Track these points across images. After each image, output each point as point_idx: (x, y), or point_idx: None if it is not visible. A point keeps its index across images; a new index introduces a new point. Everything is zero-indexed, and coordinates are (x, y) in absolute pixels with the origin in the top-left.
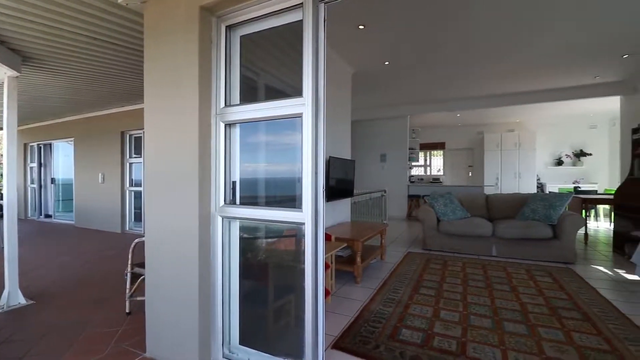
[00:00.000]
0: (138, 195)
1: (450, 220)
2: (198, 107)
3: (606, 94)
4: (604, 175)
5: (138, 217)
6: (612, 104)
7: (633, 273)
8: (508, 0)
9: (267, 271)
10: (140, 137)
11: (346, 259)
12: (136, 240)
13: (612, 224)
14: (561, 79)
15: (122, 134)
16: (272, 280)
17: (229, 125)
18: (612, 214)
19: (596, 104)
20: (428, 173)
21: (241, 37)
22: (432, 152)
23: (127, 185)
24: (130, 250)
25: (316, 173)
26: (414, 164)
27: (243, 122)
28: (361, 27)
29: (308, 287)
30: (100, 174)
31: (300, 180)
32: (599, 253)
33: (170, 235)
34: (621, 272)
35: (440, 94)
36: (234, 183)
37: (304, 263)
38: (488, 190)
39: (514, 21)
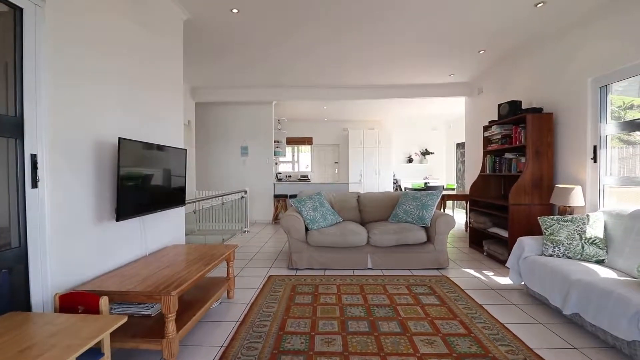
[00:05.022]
0: None
1: (321, 227)
2: None
3: (456, 94)
4: (442, 171)
5: None
6: (450, 109)
7: (505, 276)
8: None
9: None
10: None
11: (156, 321)
12: None
13: (468, 220)
14: (421, 74)
15: None
16: None
17: None
18: (467, 209)
19: (438, 108)
20: (296, 169)
21: None
22: (300, 147)
23: None
24: None
25: None
26: (281, 159)
27: None
28: None
29: None
30: None
31: None
32: (460, 251)
33: None
34: (490, 274)
35: (306, 79)
36: None
37: None
38: (353, 187)
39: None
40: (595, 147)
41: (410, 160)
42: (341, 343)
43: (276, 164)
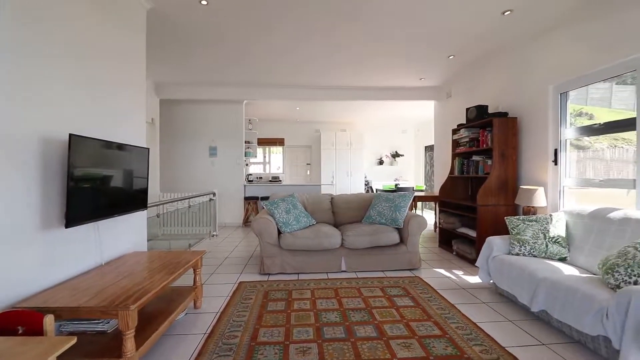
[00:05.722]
0: None
1: (294, 230)
2: None
3: (426, 97)
4: (411, 173)
5: None
6: (419, 112)
7: (474, 275)
8: None
9: None
10: None
11: (112, 338)
12: None
13: (438, 220)
14: (392, 77)
15: None
16: None
17: None
18: (436, 210)
19: (408, 111)
20: (267, 171)
21: None
22: (272, 148)
23: None
24: None
25: None
26: (252, 160)
27: None
28: None
29: None
30: None
31: None
32: (430, 251)
33: None
34: (460, 273)
35: (279, 79)
36: None
37: None
38: (325, 189)
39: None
40: (556, 150)
41: (381, 162)
42: (317, 352)
43: (247, 165)
